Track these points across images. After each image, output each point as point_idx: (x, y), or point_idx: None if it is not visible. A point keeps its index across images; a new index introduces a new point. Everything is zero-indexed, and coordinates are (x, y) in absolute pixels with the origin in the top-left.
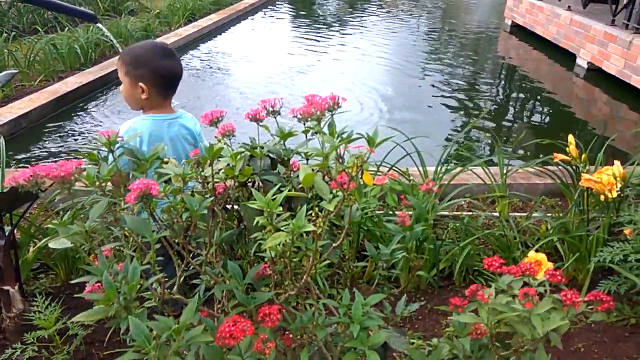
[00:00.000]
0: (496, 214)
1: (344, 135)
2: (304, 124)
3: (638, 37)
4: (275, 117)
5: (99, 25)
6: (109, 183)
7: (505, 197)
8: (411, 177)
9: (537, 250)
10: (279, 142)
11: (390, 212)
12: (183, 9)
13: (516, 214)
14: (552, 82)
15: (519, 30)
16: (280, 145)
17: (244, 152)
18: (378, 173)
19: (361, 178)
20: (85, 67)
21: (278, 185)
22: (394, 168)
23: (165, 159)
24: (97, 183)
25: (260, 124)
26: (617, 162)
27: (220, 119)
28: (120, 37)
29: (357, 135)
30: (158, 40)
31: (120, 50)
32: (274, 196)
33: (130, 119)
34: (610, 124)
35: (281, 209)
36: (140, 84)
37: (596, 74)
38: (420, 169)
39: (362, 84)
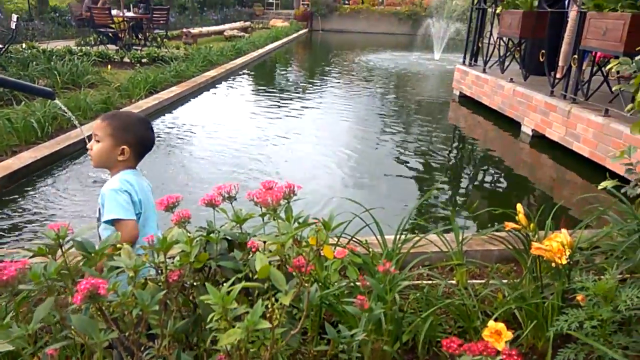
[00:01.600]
0: (454, 282)
1: (301, 220)
2: (261, 208)
3: (576, 106)
4: (231, 203)
5: (56, 101)
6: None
7: (462, 265)
8: (370, 248)
9: (496, 319)
10: (236, 225)
11: (352, 285)
12: (144, 82)
13: (474, 281)
14: (500, 148)
15: (466, 100)
16: (237, 228)
17: (199, 237)
18: (338, 245)
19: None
20: (42, 141)
21: (232, 279)
22: (353, 239)
23: (119, 245)
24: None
25: (217, 208)
26: (564, 231)
27: (175, 204)
28: (79, 111)
29: (313, 220)
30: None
31: (78, 124)
32: (230, 288)
33: (112, 179)
34: (557, 188)
35: (236, 304)
36: (124, 146)
37: (541, 141)
38: (379, 238)
39: (322, 151)
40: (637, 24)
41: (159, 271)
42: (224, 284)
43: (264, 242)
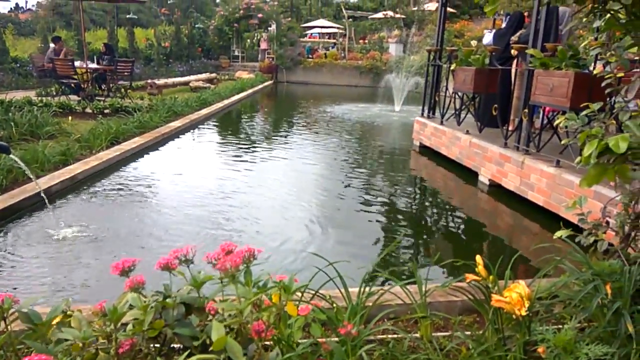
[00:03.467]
0: (419, 335)
1: (261, 283)
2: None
3: (528, 157)
4: (188, 266)
5: (11, 156)
6: None
7: (426, 318)
8: (335, 303)
9: None
10: (193, 289)
11: (316, 343)
12: (106, 132)
13: (439, 334)
14: (460, 197)
15: (426, 150)
16: (195, 291)
17: (155, 302)
18: (302, 301)
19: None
20: None
21: (187, 352)
22: (317, 294)
23: (69, 312)
24: None
25: (175, 271)
26: (522, 283)
27: (131, 268)
28: (36, 163)
29: (272, 284)
30: (77, 164)
31: (33, 177)
32: None
33: None
34: (516, 236)
35: None
36: None
37: (498, 190)
38: (343, 291)
39: (287, 202)
40: (581, 81)
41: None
42: (180, 354)
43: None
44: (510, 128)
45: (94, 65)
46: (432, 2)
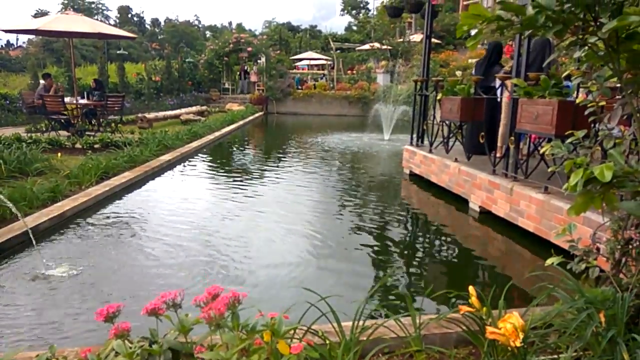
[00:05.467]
0: None
1: (250, 325)
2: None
3: (517, 184)
4: (176, 311)
5: None
6: None
7: (421, 351)
8: (327, 339)
9: None
10: (180, 334)
11: None
12: (95, 168)
13: None
14: (452, 224)
15: (416, 178)
16: (182, 336)
17: (140, 350)
18: (294, 338)
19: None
20: None
21: None
22: (310, 330)
23: (54, 359)
24: None
25: (161, 316)
26: (515, 314)
27: (116, 314)
28: (24, 201)
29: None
30: (66, 200)
31: (20, 216)
32: None
33: None
34: (508, 263)
35: None
36: None
37: (488, 217)
38: (336, 326)
39: (279, 233)
40: (565, 109)
41: None
42: None
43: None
44: (498, 155)
45: (84, 101)
46: (417, 34)
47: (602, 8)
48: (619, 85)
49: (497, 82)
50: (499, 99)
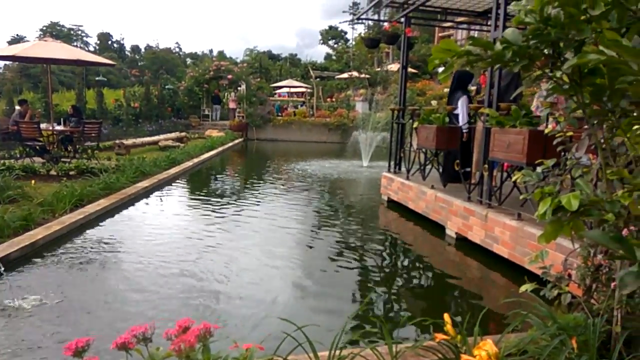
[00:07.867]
0: None
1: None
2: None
3: (491, 210)
4: (146, 345)
5: None
6: None
7: None
8: None
9: None
10: None
11: None
12: (70, 195)
13: None
14: (428, 251)
15: (394, 204)
16: None
17: None
18: None
19: None
20: None
21: None
22: None
23: None
24: None
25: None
26: (489, 341)
27: (85, 348)
28: None
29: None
30: (38, 229)
31: None
32: None
33: None
34: (483, 289)
35: None
36: None
37: (465, 243)
38: (312, 357)
39: (257, 261)
40: (535, 138)
41: None
42: None
43: None
44: (473, 182)
45: (60, 127)
46: (395, 64)
47: (565, 45)
48: (584, 116)
49: (458, 108)
50: (459, 124)
